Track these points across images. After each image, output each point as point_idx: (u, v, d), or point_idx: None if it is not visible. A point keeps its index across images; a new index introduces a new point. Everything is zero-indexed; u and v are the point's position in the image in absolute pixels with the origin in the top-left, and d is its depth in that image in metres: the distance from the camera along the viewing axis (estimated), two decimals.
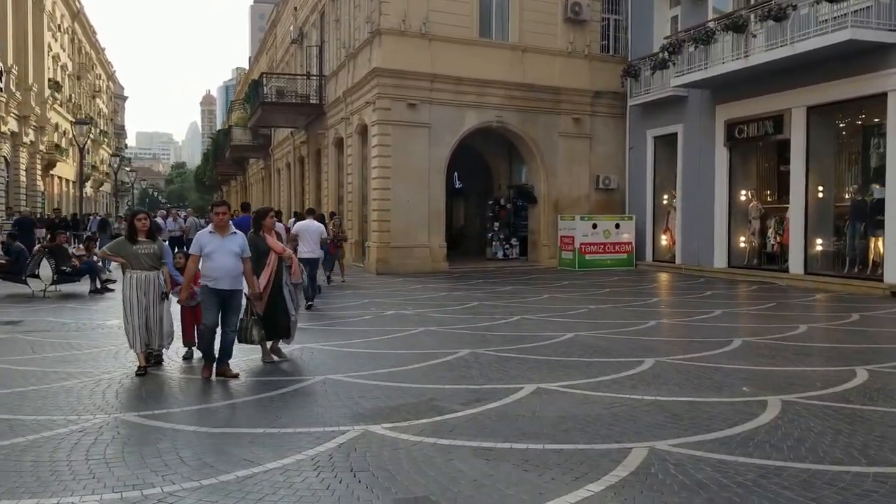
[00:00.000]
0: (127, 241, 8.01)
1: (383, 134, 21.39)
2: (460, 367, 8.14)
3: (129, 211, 8.38)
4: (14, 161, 41.52)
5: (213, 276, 7.53)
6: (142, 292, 7.85)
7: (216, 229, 7.65)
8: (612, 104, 24.75)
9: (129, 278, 7.87)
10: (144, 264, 7.91)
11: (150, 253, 7.96)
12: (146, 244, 7.98)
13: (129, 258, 7.92)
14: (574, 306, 13.80)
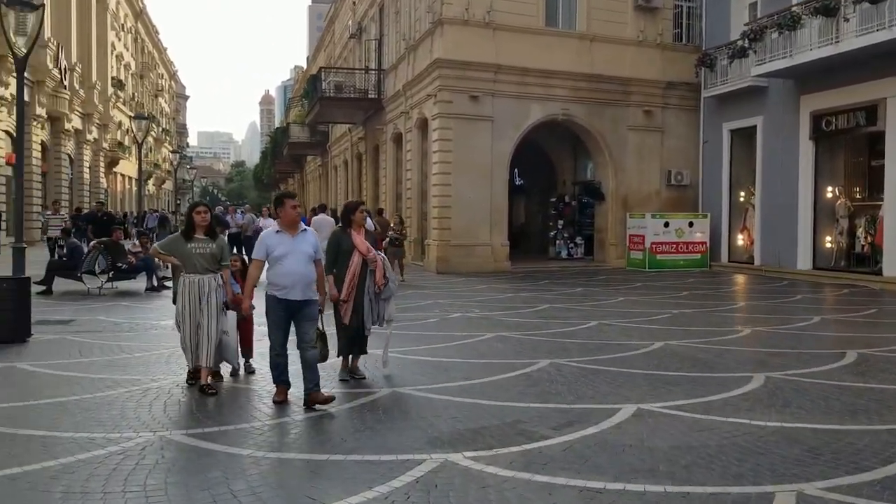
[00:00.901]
0: (181, 239, 6.87)
1: (444, 128, 20.57)
2: (543, 381, 7.22)
3: (193, 205, 7.17)
4: (78, 158, 42.08)
5: (284, 284, 6.21)
6: (195, 300, 6.74)
7: (285, 227, 6.38)
8: (684, 96, 23.45)
9: (182, 283, 6.84)
10: (199, 266, 6.77)
11: (207, 253, 6.80)
12: (203, 243, 6.82)
13: (182, 259, 6.84)
14: (655, 311, 12.73)
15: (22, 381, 7.20)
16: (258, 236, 6.81)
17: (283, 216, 6.41)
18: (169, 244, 7.10)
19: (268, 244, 6.32)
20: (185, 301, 6.77)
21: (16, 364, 7.99)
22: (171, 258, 7.07)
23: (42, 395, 6.63)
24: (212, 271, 6.84)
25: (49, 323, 11.01)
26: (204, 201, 7.37)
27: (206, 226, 6.88)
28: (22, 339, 9.35)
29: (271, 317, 6.32)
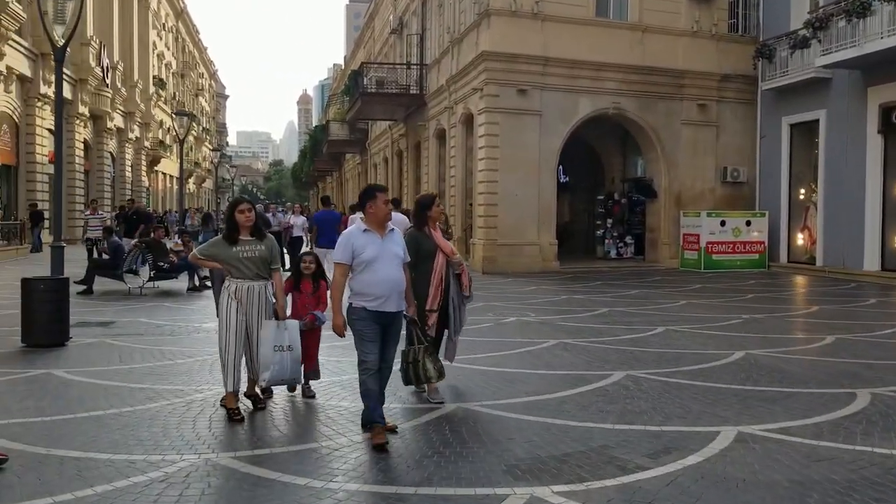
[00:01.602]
0: (225, 241, 5.97)
1: (491, 122, 19.88)
2: (623, 398, 6.52)
3: (236, 201, 6.01)
4: (120, 157, 42.27)
5: (376, 293, 5.23)
6: (242, 311, 5.86)
7: (373, 226, 5.34)
8: (741, 88, 22.43)
9: (228, 291, 5.90)
10: (247, 272, 5.89)
11: (256, 257, 5.91)
12: (250, 244, 5.92)
13: (227, 263, 5.92)
14: (723, 315, 11.90)
15: (58, 391, 6.71)
16: (289, 235, 6.49)
17: (373, 212, 5.33)
18: (211, 249, 6.06)
19: (355, 245, 5.26)
20: (232, 312, 5.84)
21: (52, 371, 7.53)
22: (213, 264, 6.14)
23: (78, 407, 6.12)
24: (262, 277, 5.96)
25: (89, 325, 10.60)
26: (246, 197, 6.41)
27: (251, 225, 5.98)
28: (60, 342, 8.92)
29: (361, 332, 5.26)
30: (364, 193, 5.46)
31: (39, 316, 8.75)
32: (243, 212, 5.95)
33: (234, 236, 5.93)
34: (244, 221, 5.94)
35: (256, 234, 6.01)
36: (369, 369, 5.24)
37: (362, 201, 5.42)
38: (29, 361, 8.04)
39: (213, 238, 6.29)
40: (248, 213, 5.96)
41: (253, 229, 5.99)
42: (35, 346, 8.75)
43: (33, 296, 8.77)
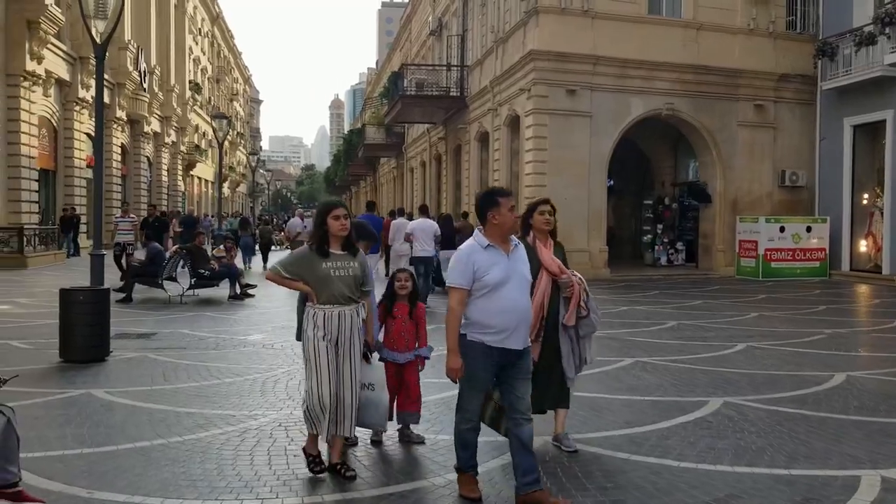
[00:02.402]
0: (314, 256, 4.73)
1: (539, 124, 19.13)
2: (731, 431, 5.73)
3: (327, 205, 4.94)
4: (156, 161, 42.24)
5: (502, 325, 4.15)
6: (332, 342, 4.68)
7: (496, 240, 4.23)
8: (799, 89, 21.42)
9: (315, 319, 4.68)
10: (339, 295, 4.69)
11: (349, 276, 4.74)
12: (343, 260, 4.75)
13: (317, 284, 4.70)
14: (803, 330, 11.01)
15: (98, 416, 6.11)
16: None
17: (497, 223, 4.21)
18: (297, 264, 4.79)
19: (477, 264, 4.14)
20: (321, 348, 4.64)
21: (92, 391, 6.95)
22: (300, 285, 4.76)
23: (121, 437, 5.50)
24: (354, 300, 4.78)
25: (129, 337, 10.06)
26: (340, 201, 5.15)
27: (345, 236, 4.78)
28: (100, 357, 8.35)
29: (473, 373, 4.19)
30: (483, 199, 4.31)
31: (79, 329, 8.20)
32: (338, 218, 4.72)
33: (326, 249, 4.74)
34: (338, 230, 4.73)
35: (349, 248, 4.84)
36: (470, 420, 4.26)
37: (482, 209, 4.28)
38: (68, 380, 7.47)
39: (297, 250, 4.97)
40: (345, 220, 4.75)
41: (345, 241, 4.82)
42: (74, 361, 8.20)
43: (72, 308, 8.22)
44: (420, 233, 13.80)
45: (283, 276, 4.78)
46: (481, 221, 4.32)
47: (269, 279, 4.89)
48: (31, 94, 24.36)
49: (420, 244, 13.69)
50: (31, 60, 23.88)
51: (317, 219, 4.87)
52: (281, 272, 4.78)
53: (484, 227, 4.30)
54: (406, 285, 5.49)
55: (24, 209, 24.01)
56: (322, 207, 4.93)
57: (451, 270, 4.25)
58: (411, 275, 5.57)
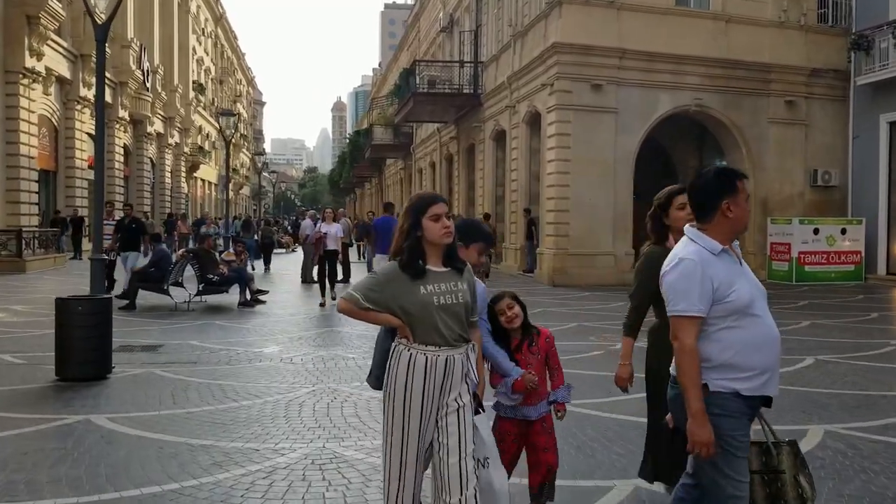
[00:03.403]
0: (405, 274, 3.21)
1: (562, 121, 18.21)
2: (852, 471, 4.79)
3: (423, 199, 3.31)
4: (159, 162, 41.43)
5: (763, 364, 2.93)
6: (430, 396, 3.18)
7: (725, 242, 2.98)
8: (832, 84, 20.49)
9: (412, 364, 3.17)
10: (446, 332, 3.19)
11: (458, 303, 3.24)
12: (447, 281, 3.25)
13: (411, 315, 3.19)
14: (864, 340, 10.11)
15: (99, 451, 5.20)
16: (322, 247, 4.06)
17: (733, 217, 2.96)
18: (383, 289, 3.20)
19: (716, 280, 2.86)
20: (416, 404, 3.15)
21: (91, 417, 6.04)
22: (387, 318, 3.21)
23: (126, 479, 4.59)
24: (464, 339, 3.26)
25: (133, 350, 9.16)
26: (439, 196, 3.44)
27: (447, 245, 3.26)
28: (102, 375, 7.45)
29: (731, 439, 2.87)
30: (719, 181, 2.97)
31: (77, 344, 7.29)
32: (439, 218, 3.21)
33: (422, 266, 3.21)
34: (441, 236, 3.20)
35: (453, 262, 3.30)
36: (739, 489, 2.89)
37: (713, 195, 2.94)
38: (64, 402, 6.57)
39: (382, 268, 3.34)
40: (448, 220, 3.26)
41: (449, 253, 3.29)
42: (72, 379, 7.30)
43: (70, 320, 7.31)
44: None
45: (363, 308, 3.17)
46: (704, 213, 2.98)
47: (343, 311, 3.24)
48: (31, 92, 23.52)
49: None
50: (31, 57, 23.06)
51: (407, 220, 3.26)
52: (359, 301, 3.16)
53: (705, 223, 2.97)
54: (515, 314, 3.84)
55: (24, 211, 23.15)
56: (416, 203, 3.29)
57: (675, 291, 2.89)
58: (514, 297, 3.90)
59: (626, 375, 4.04)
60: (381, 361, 3.34)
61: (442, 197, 3.41)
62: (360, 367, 8.18)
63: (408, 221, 3.25)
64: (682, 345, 2.84)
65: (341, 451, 5.18)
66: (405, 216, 3.28)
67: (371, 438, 5.49)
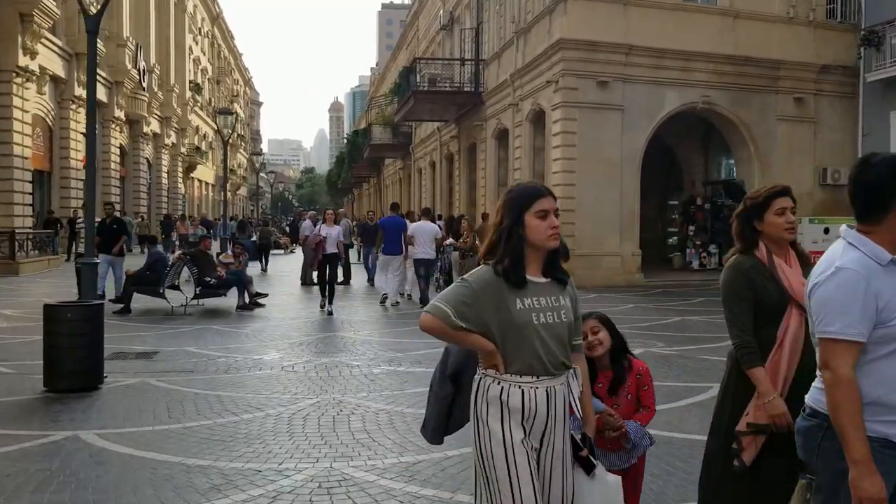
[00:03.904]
0: (501, 283, 2.60)
1: (568, 119, 17.80)
2: None
3: (527, 191, 2.71)
4: (156, 163, 40.98)
5: None
6: (534, 443, 2.59)
7: (891, 244, 2.34)
8: (841, 81, 20.09)
9: (505, 400, 2.57)
10: (548, 358, 2.58)
11: (562, 322, 2.64)
12: (547, 293, 2.65)
13: (506, 338, 2.58)
14: None
15: (87, 473, 4.78)
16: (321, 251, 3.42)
17: None
18: (478, 301, 2.59)
19: (882, 297, 2.28)
20: (518, 450, 2.53)
21: (80, 433, 5.62)
22: (478, 339, 2.58)
23: None
24: (567, 365, 2.67)
25: (127, 357, 8.75)
26: (542, 186, 2.79)
27: (552, 250, 2.68)
28: (93, 386, 7.03)
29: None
30: (891, 173, 2.33)
31: (67, 353, 6.88)
32: (547, 215, 2.62)
33: (523, 275, 2.61)
34: (548, 238, 2.62)
35: (553, 271, 2.70)
36: None
37: (886, 192, 2.34)
38: (51, 417, 6.16)
39: (475, 276, 2.65)
40: (556, 217, 2.66)
41: (550, 260, 2.69)
42: (61, 390, 6.88)
43: (59, 328, 6.89)
44: (420, 235, 13.90)
45: (454, 326, 2.53)
46: (870, 213, 2.36)
47: (428, 329, 2.58)
48: (25, 92, 23.05)
49: (420, 246, 13.80)
50: (24, 56, 22.57)
51: (507, 215, 2.64)
52: (450, 317, 2.52)
53: (871, 225, 2.36)
54: (598, 340, 3.20)
55: (18, 212, 22.67)
56: (518, 195, 2.67)
57: (829, 308, 2.30)
58: (602, 319, 3.30)
59: (783, 409, 3.07)
60: (441, 411, 2.81)
61: (548, 189, 2.73)
62: (364, 376, 7.78)
63: (508, 217, 2.64)
64: (837, 375, 2.25)
65: (350, 473, 4.77)
66: (505, 211, 2.67)
67: (382, 457, 5.08)
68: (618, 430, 3.09)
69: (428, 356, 8.87)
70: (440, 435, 2.86)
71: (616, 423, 3.10)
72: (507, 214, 2.65)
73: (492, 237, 2.68)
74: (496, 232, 2.67)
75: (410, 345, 9.71)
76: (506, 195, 2.73)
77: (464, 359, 2.84)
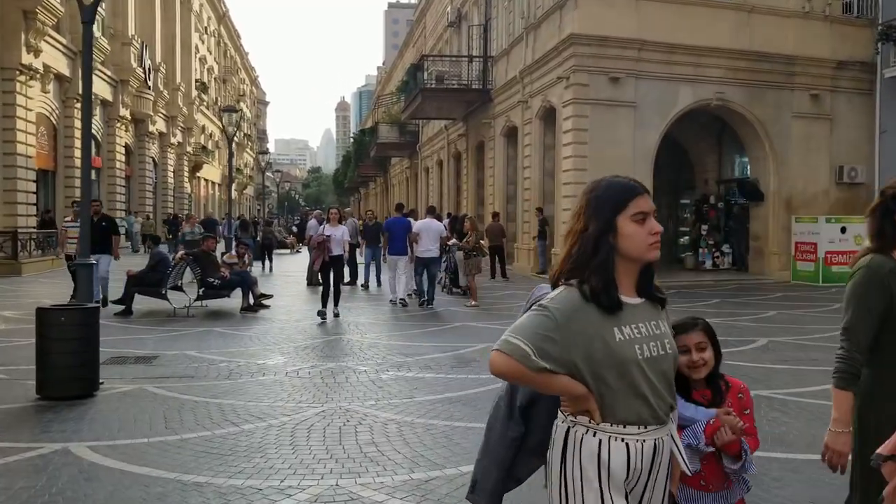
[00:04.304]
0: (595, 309, 2.00)
1: (579, 116, 17.45)
2: None
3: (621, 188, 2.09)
4: (162, 162, 40.76)
5: None
6: (634, 502, 2.06)
7: None
8: (858, 77, 19.71)
9: (598, 455, 2.00)
10: (654, 399, 2.02)
11: (668, 355, 2.10)
12: (648, 319, 2.09)
13: (604, 380, 1.99)
14: None
15: (76, 491, 4.45)
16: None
17: None
18: (561, 329, 1.97)
19: None
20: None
21: (71, 445, 5.29)
22: (570, 384, 1.99)
23: None
24: (673, 408, 2.13)
25: (126, 361, 8.42)
26: (640, 183, 2.16)
27: (654, 258, 2.11)
28: (88, 393, 6.71)
29: None
30: None
31: (60, 359, 6.56)
32: (646, 218, 2.08)
33: (617, 296, 2.04)
34: (647, 248, 2.08)
35: (648, 289, 2.15)
36: None
37: None
38: (42, 427, 5.83)
39: (557, 301, 2.03)
40: (655, 217, 2.12)
41: (645, 273, 2.14)
42: (54, 398, 6.56)
43: (52, 332, 6.57)
44: (426, 233, 13.86)
45: (536, 368, 1.94)
46: None
47: (500, 372, 2.00)
48: (28, 90, 22.79)
49: (424, 245, 13.75)
50: (28, 53, 22.33)
51: (593, 219, 2.07)
52: (530, 357, 1.94)
53: None
54: (703, 360, 2.63)
55: (21, 212, 22.43)
56: (608, 192, 2.10)
57: None
58: (709, 331, 2.71)
59: (847, 448, 2.68)
60: (506, 461, 2.25)
61: (643, 185, 2.14)
62: (372, 382, 7.44)
63: (596, 222, 2.05)
64: None
65: (357, 491, 4.43)
66: (590, 213, 2.07)
67: (392, 473, 4.73)
68: (739, 431, 2.47)
69: (437, 361, 8.54)
70: (499, 497, 2.30)
71: (737, 422, 2.48)
72: (593, 218, 2.06)
73: (570, 247, 2.08)
74: (577, 241, 2.07)
75: (419, 348, 9.39)
76: (589, 193, 2.14)
77: None
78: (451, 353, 9.00)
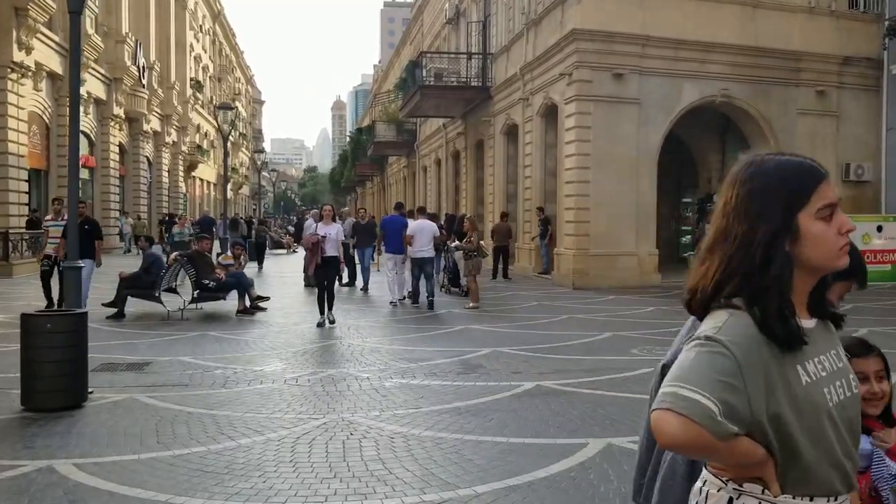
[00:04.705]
0: (768, 344, 1.41)
1: (582, 113, 17.08)
2: None
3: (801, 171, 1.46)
4: (156, 161, 40.31)
5: None
6: None
7: None
8: (864, 73, 19.37)
9: None
10: (846, 460, 1.49)
11: (852, 397, 1.54)
12: (826, 347, 1.54)
13: (786, 434, 1.42)
14: None
15: None
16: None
17: None
18: (743, 375, 1.38)
19: None
20: None
21: (55, 463, 4.93)
22: (755, 450, 1.41)
23: None
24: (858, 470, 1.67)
25: (117, 368, 8.05)
26: (822, 167, 1.55)
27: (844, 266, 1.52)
28: (75, 403, 6.35)
29: None
30: None
31: (46, 369, 6.19)
32: (833, 212, 1.49)
33: (796, 324, 1.45)
34: (837, 253, 1.49)
35: (821, 307, 1.57)
36: None
37: None
38: (25, 442, 5.46)
39: (735, 331, 1.41)
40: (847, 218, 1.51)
41: (820, 290, 1.58)
42: (40, 410, 6.19)
43: (37, 340, 6.20)
44: (419, 234, 13.71)
45: (725, 433, 1.35)
46: None
47: (677, 443, 1.38)
48: (20, 88, 22.40)
49: (419, 245, 13.62)
50: (20, 51, 21.94)
51: (761, 217, 1.48)
52: (716, 417, 1.34)
53: None
54: (883, 392, 2.21)
55: (13, 212, 22.04)
56: (782, 179, 1.49)
57: None
58: (882, 356, 2.28)
59: None
60: None
61: (822, 165, 1.56)
62: (375, 390, 7.09)
63: (766, 221, 1.48)
64: None
65: None
66: (755, 208, 1.49)
67: (401, 495, 4.38)
68: None
69: (442, 367, 8.19)
70: None
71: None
72: (761, 215, 1.48)
73: (727, 255, 1.49)
74: (738, 245, 1.48)
75: (422, 353, 9.05)
76: (749, 177, 1.53)
77: None
78: (457, 359, 8.65)
